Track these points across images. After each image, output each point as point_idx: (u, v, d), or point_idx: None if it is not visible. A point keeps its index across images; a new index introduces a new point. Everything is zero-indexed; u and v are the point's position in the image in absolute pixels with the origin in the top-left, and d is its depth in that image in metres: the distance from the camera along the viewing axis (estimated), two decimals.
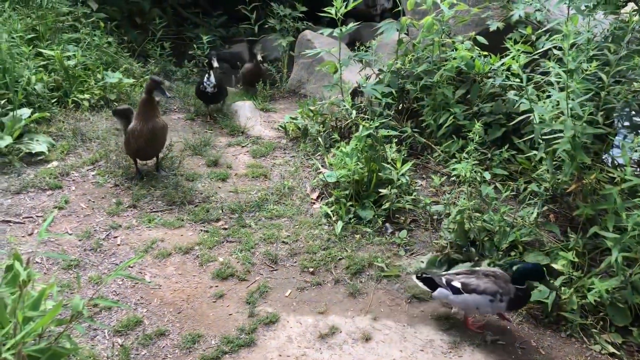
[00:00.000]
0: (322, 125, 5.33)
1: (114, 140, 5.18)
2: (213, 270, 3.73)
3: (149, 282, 3.59)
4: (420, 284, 3.36)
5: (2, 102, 5.08)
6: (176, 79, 7.19)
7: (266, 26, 7.70)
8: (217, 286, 3.60)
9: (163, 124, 4.57)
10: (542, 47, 4.17)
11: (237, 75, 6.88)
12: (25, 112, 5.06)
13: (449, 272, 3.38)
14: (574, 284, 3.40)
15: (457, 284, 3.20)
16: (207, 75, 5.91)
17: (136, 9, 8.72)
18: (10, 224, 4.05)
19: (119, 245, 3.92)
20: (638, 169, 4.17)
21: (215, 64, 5.90)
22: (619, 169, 3.88)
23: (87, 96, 5.78)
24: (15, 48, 5.49)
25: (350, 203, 4.30)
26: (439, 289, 3.28)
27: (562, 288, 3.40)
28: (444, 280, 3.26)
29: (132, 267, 3.70)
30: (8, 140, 4.72)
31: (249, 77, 6.81)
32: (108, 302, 2.70)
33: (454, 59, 4.77)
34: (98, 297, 3.32)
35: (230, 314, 3.39)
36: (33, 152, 4.81)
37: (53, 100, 5.55)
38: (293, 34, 7.48)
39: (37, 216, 4.14)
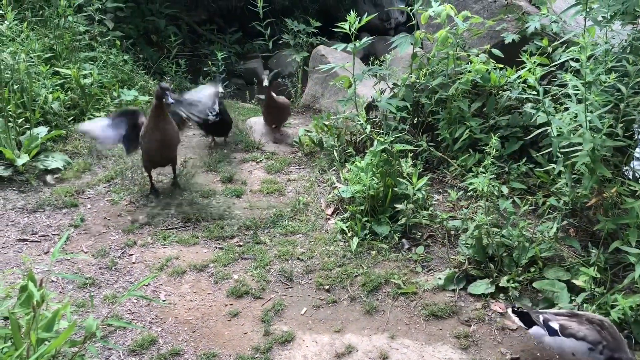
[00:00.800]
0: (337, 140, 5.30)
1: (129, 158, 5.20)
2: (228, 288, 3.70)
3: (162, 302, 3.56)
4: (516, 319, 3.12)
5: (20, 120, 5.14)
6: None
7: (280, 42, 7.73)
8: (231, 304, 3.57)
9: (174, 127, 4.53)
10: (559, 59, 4.11)
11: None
12: (42, 130, 5.12)
13: (549, 310, 3.14)
14: (596, 301, 3.31)
15: (555, 324, 2.95)
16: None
17: (152, 26, 8.85)
18: (27, 242, 4.07)
19: (134, 263, 3.92)
20: None
21: (221, 90, 5.40)
22: None
23: (103, 114, 5.83)
24: (33, 67, 5.56)
25: (365, 219, 4.25)
26: (535, 327, 3.04)
27: (584, 305, 3.32)
28: (541, 318, 3.02)
29: (147, 286, 3.69)
30: (25, 158, 4.76)
31: (265, 114, 5.94)
32: (121, 323, 2.69)
33: (469, 72, 4.73)
34: (112, 317, 3.32)
35: (245, 333, 3.35)
36: (49, 168, 4.85)
37: (69, 119, 5.61)
38: (307, 49, 7.50)
39: (53, 234, 4.16)
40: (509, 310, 3.20)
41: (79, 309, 3.44)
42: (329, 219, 4.49)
